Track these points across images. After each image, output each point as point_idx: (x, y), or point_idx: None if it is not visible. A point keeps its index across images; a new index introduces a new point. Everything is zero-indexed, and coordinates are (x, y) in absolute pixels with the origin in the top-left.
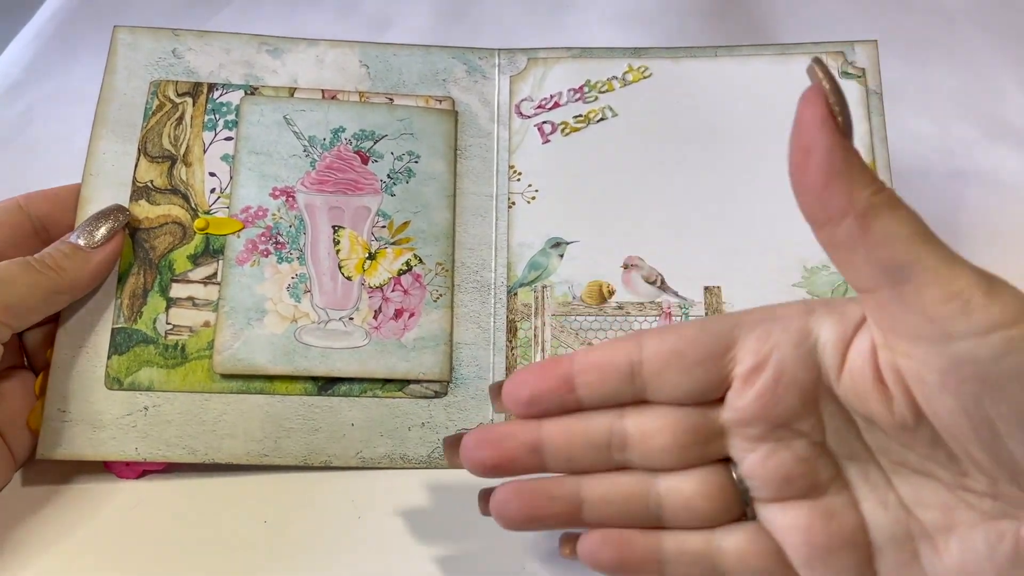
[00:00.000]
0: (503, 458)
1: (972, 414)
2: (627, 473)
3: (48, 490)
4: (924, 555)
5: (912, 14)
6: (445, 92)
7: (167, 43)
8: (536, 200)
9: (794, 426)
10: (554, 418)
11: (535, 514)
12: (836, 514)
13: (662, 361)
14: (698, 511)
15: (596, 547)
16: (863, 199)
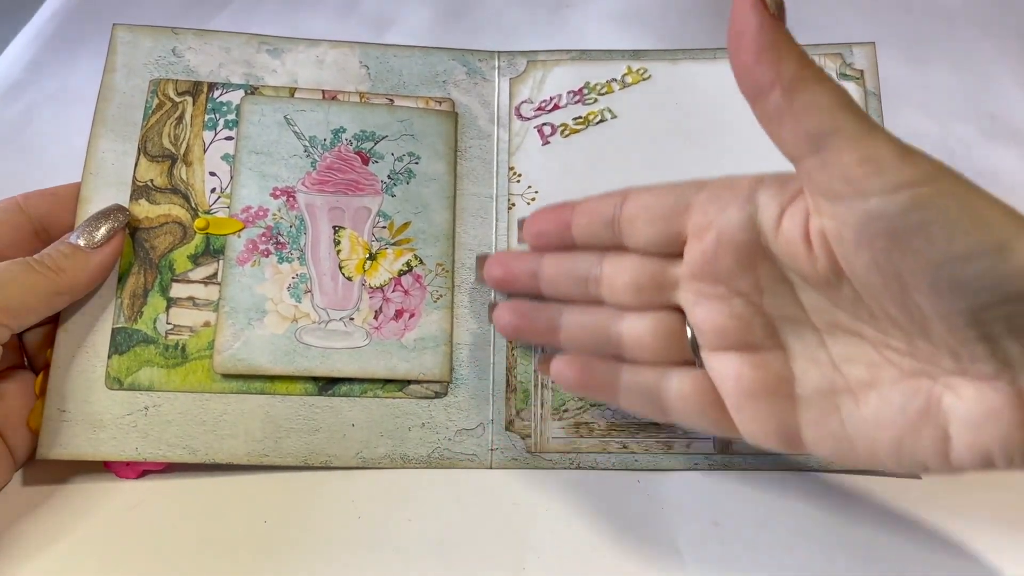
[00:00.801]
0: (508, 275)
1: (883, 267)
2: (600, 309)
3: (48, 490)
4: (845, 408)
5: (912, 14)
6: (445, 94)
7: (167, 42)
8: (536, 201)
9: (733, 284)
10: (553, 253)
11: (522, 327)
12: (767, 366)
13: (634, 213)
14: (650, 349)
15: (563, 367)
16: (789, 72)
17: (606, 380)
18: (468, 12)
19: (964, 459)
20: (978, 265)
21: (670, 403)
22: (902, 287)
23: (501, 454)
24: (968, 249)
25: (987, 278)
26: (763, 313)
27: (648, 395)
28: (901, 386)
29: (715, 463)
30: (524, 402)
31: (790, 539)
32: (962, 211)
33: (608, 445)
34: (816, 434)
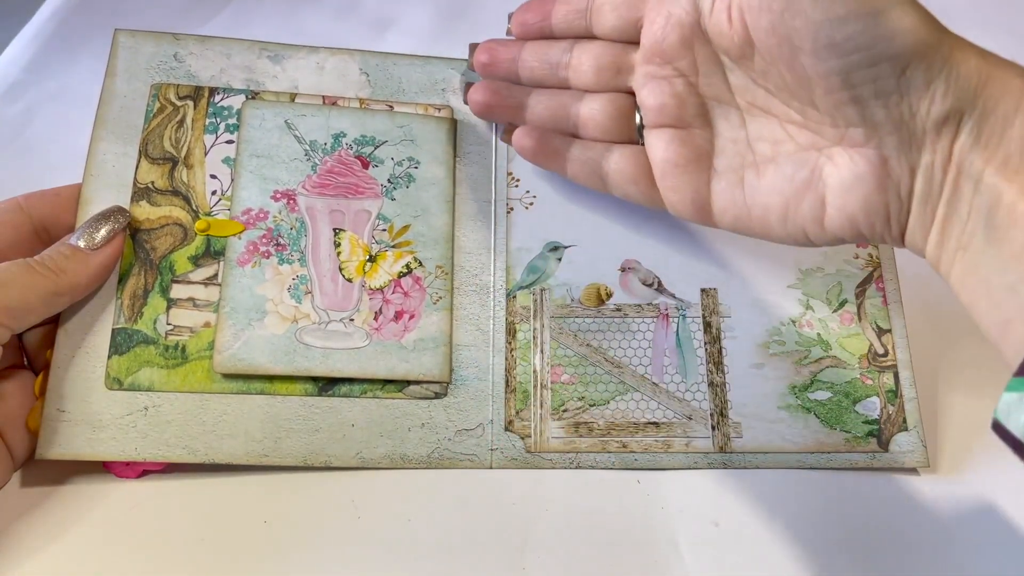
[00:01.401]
0: (492, 60)
1: (778, 29)
2: (563, 92)
3: (47, 490)
4: (748, 180)
5: None
6: (444, 101)
7: (168, 47)
8: (534, 206)
9: (677, 65)
10: (533, 41)
11: (492, 104)
12: (693, 141)
13: (604, 1)
14: (601, 126)
15: (522, 136)
16: None
17: (559, 151)
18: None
19: (835, 224)
20: (853, 27)
21: (609, 175)
22: (792, 49)
23: (501, 454)
24: (846, 11)
25: (859, 39)
26: (698, 94)
27: (592, 166)
28: (794, 158)
29: (714, 462)
30: (523, 402)
31: (790, 539)
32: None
33: (607, 445)
34: (722, 203)
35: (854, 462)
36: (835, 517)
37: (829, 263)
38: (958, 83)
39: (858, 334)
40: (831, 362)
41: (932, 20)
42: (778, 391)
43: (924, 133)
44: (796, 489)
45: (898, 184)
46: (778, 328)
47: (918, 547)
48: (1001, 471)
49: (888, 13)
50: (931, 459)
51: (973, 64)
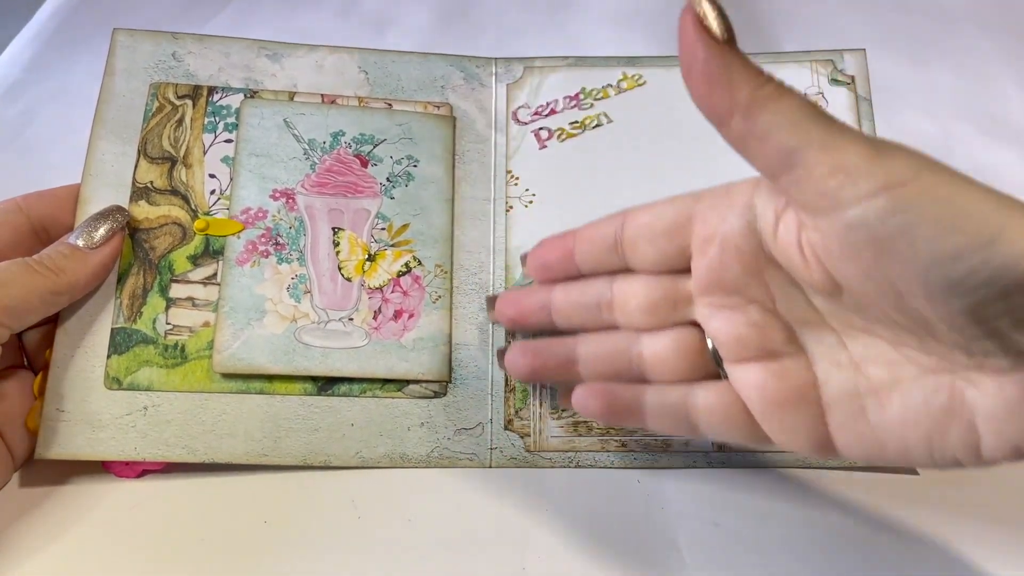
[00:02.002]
0: (521, 314)
1: (874, 278)
2: (616, 333)
3: (47, 490)
4: (871, 410)
5: (911, 14)
6: (443, 98)
7: (167, 46)
8: (534, 204)
9: (745, 293)
10: (561, 283)
11: (538, 366)
12: (790, 373)
13: (636, 233)
14: (672, 367)
15: (586, 396)
16: (744, 95)
17: (632, 404)
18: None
19: (996, 453)
20: (968, 262)
21: (699, 419)
22: (897, 294)
23: (500, 453)
24: (955, 248)
25: (980, 274)
26: (779, 319)
27: (676, 414)
28: (922, 383)
29: (713, 460)
30: (523, 401)
31: (790, 539)
32: (943, 208)
33: (607, 444)
34: (846, 438)
35: (853, 461)
36: (835, 517)
37: None
38: None
39: None
40: None
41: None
42: None
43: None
44: (796, 489)
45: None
46: None
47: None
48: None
49: (1004, 236)
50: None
51: None
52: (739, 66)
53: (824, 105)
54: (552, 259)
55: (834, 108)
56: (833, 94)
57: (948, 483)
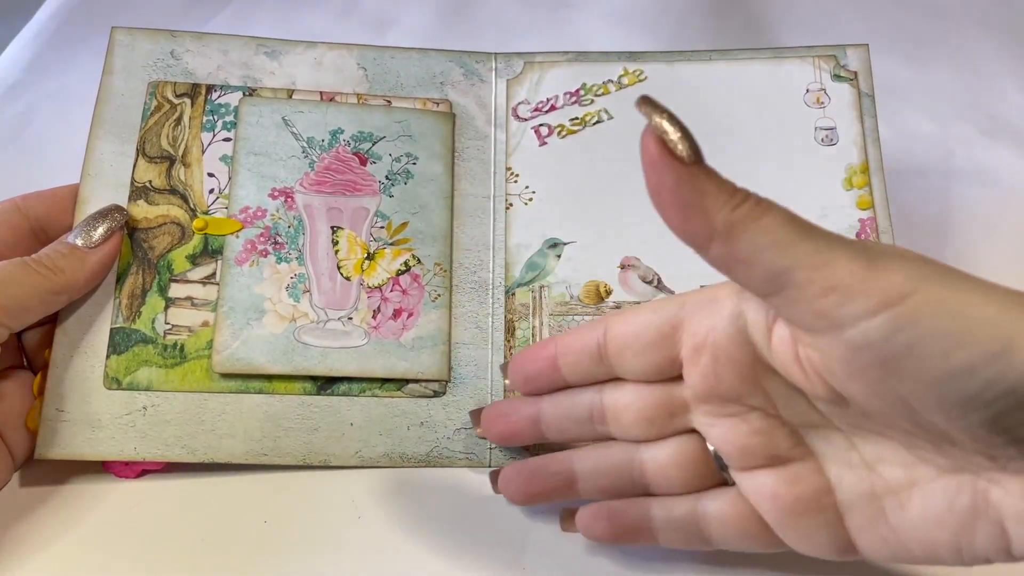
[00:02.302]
0: (511, 431)
1: (883, 395)
2: (614, 445)
3: (46, 490)
4: (890, 511)
5: (912, 14)
6: (442, 95)
7: (165, 44)
8: (533, 202)
9: (745, 401)
10: (550, 395)
11: (535, 490)
12: (801, 479)
13: (621, 344)
14: (677, 479)
15: (590, 520)
16: (721, 220)
17: (640, 522)
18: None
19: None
20: (983, 376)
21: (712, 532)
22: (909, 409)
23: (499, 452)
24: (968, 362)
25: (997, 387)
26: (784, 423)
27: (687, 529)
28: (942, 483)
29: None
30: None
31: None
32: (950, 320)
33: None
34: (869, 540)
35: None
36: None
37: None
38: None
39: None
40: None
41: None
42: None
43: None
44: None
45: None
46: None
47: None
48: None
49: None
50: None
51: None
52: (712, 187)
53: (826, 102)
54: (535, 371)
55: (836, 105)
56: (836, 90)
57: None
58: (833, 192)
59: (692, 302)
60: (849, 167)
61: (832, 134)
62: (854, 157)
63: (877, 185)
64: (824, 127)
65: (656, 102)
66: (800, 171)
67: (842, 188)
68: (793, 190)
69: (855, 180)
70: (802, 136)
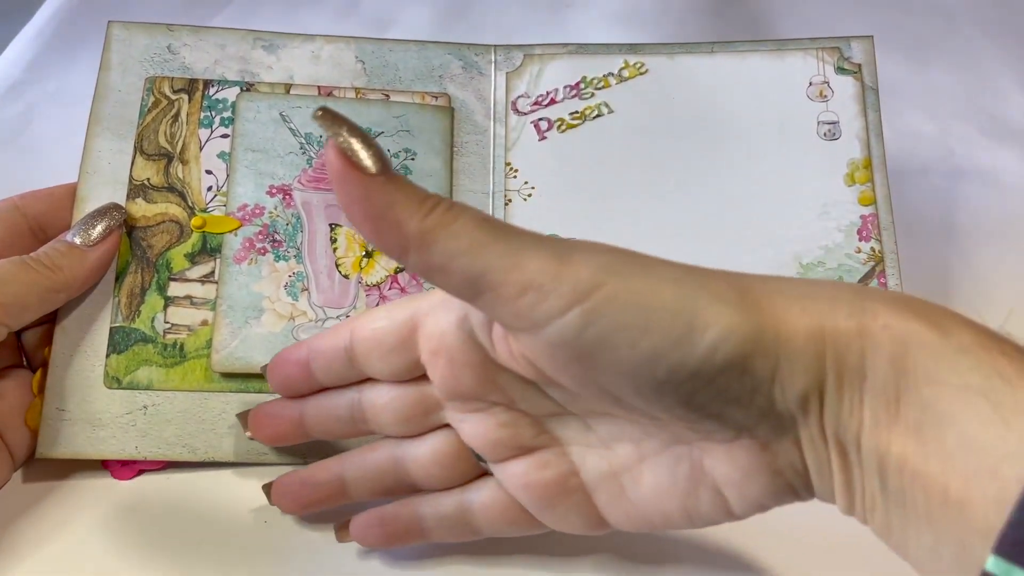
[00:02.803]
0: (276, 432)
1: (587, 385)
2: (379, 447)
3: (47, 487)
4: (628, 486)
5: (912, 13)
6: (441, 88)
7: (162, 39)
8: (533, 197)
9: (486, 397)
10: (313, 396)
11: (307, 500)
12: (549, 465)
13: (366, 348)
14: (439, 475)
15: (363, 529)
16: (413, 228)
17: (411, 524)
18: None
19: (746, 511)
20: (668, 361)
21: (480, 523)
22: (614, 397)
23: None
24: (652, 350)
25: (682, 370)
26: (525, 415)
27: (457, 523)
28: (664, 456)
29: None
30: None
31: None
32: (632, 313)
33: None
34: (616, 515)
35: None
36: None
37: (831, 257)
38: (799, 359)
39: None
40: None
41: (744, 299)
42: None
43: (792, 414)
44: None
45: (790, 462)
46: None
47: None
48: None
49: (695, 326)
50: None
51: (802, 331)
52: (401, 197)
53: (829, 95)
54: (289, 375)
55: (840, 98)
56: (839, 83)
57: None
58: (835, 187)
59: (425, 305)
60: (851, 162)
61: (835, 128)
62: (856, 152)
63: (879, 181)
64: (827, 121)
65: (337, 114)
66: (801, 166)
67: (844, 183)
68: (794, 185)
69: (857, 175)
70: (804, 130)
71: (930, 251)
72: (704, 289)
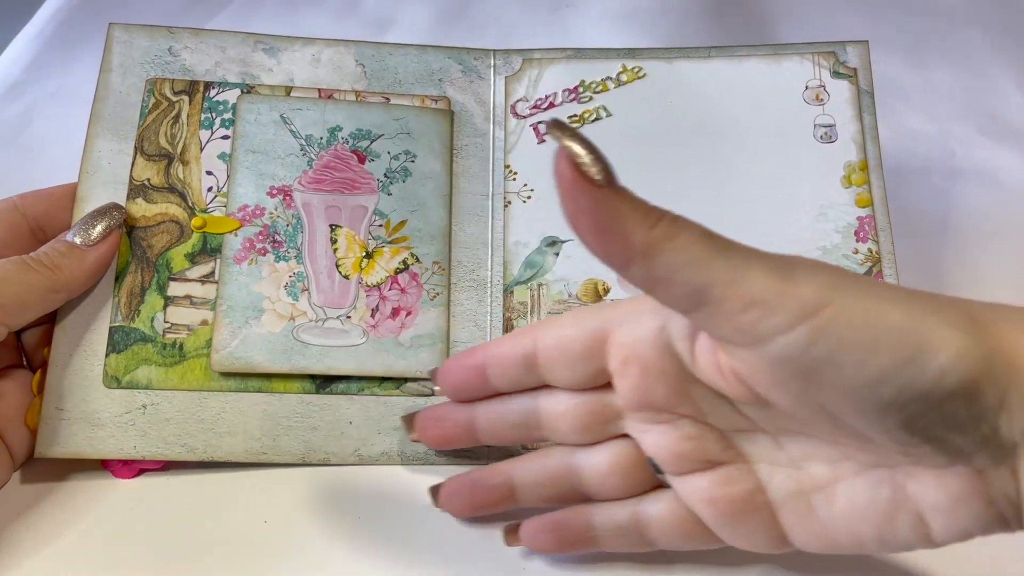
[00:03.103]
0: (444, 435)
1: (805, 402)
2: (552, 454)
3: (46, 487)
4: (818, 506)
5: (911, 14)
6: (441, 92)
7: (163, 41)
8: (532, 199)
9: (675, 409)
10: (485, 400)
11: (477, 503)
12: (734, 481)
13: (550, 356)
14: (615, 485)
15: (534, 534)
16: (638, 242)
17: (582, 532)
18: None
19: (947, 538)
20: (896, 383)
21: (654, 535)
22: (830, 414)
23: (497, 451)
24: (881, 370)
25: (909, 392)
26: (713, 429)
27: (630, 534)
28: (863, 478)
29: None
30: None
31: None
32: (860, 332)
33: None
34: (801, 535)
35: None
36: None
37: (828, 258)
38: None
39: None
40: None
41: (974, 324)
42: None
43: (1015, 443)
44: None
45: (1004, 491)
46: None
47: None
48: None
49: (926, 349)
50: None
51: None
52: (628, 208)
53: (825, 99)
54: (462, 379)
55: (836, 102)
56: (835, 87)
57: None
58: (832, 190)
59: (617, 315)
60: (848, 164)
61: (831, 131)
62: (853, 154)
63: (876, 183)
64: (823, 124)
65: (566, 125)
66: (799, 168)
67: (841, 186)
68: (791, 187)
69: (854, 177)
70: (801, 133)
71: (929, 251)
72: (933, 312)
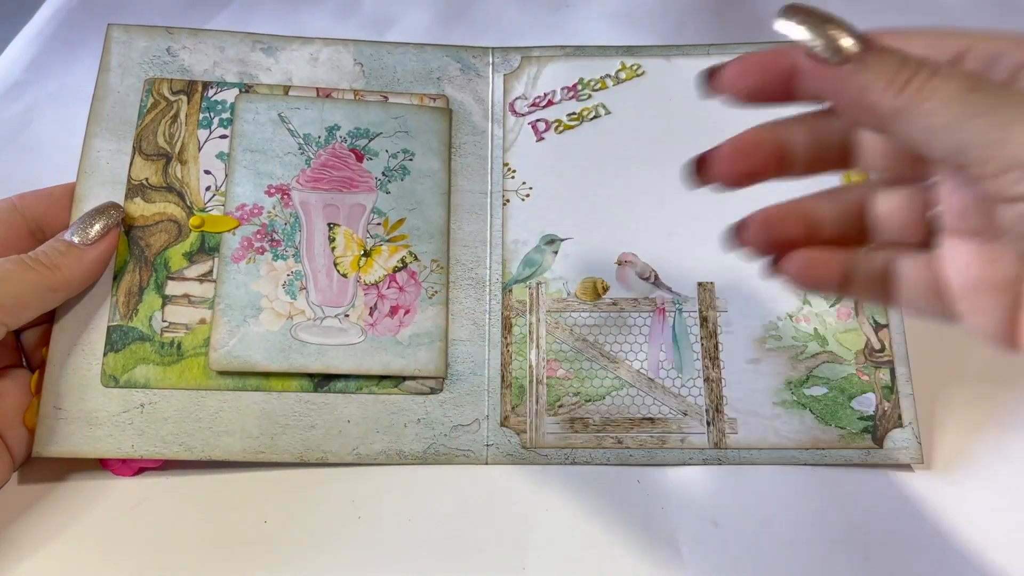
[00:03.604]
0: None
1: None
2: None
3: (45, 487)
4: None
5: (912, 14)
6: (439, 90)
7: (161, 41)
8: (530, 197)
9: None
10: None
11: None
12: (996, 259)
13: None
14: (899, 224)
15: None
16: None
17: (841, 273)
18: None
19: None
20: None
21: (904, 288)
22: None
23: (496, 450)
24: None
25: None
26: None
27: (878, 280)
28: None
29: (709, 458)
30: (519, 398)
31: (790, 538)
32: None
33: (603, 440)
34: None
35: (849, 459)
36: (831, 515)
37: None
38: None
39: (855, 329)
40: (827, 357)
41: None
42: (774, 387)
43: None
44: (792, 487)
45: None
46: (775, 323)
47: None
48: (995, 468)
49: None
50: (925, 455)
51: None
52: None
53: None
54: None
55: None
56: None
57: (943, 480)
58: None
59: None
60: None
61: None
62: None
63: None
64: None
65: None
66: None
67: (840, 182)
68: (790, 185)
69: (853, 175)
70: None
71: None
72: None
